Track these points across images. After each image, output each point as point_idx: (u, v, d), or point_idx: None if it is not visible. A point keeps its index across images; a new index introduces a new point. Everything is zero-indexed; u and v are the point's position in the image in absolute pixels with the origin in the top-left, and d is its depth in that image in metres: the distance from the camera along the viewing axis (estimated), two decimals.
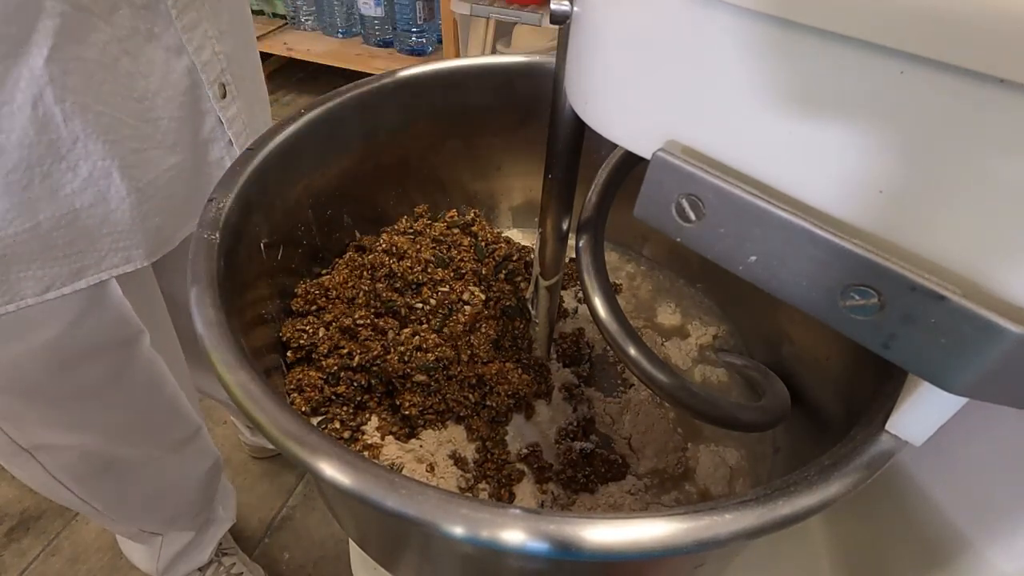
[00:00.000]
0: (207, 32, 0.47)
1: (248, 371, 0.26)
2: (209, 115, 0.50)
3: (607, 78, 0.22)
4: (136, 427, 0.60)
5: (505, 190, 0.54)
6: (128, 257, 0.47)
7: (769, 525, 0.21)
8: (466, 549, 0.27)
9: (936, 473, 0.31)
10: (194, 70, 0.47)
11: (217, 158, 0.52)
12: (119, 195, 0.44)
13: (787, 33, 0.16)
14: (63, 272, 0.44)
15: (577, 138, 0.30)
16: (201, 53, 0.47)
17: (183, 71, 0.46)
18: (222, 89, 0.50)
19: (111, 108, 0.42)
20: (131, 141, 0.44)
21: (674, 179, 0.20)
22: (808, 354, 0.39)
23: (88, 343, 0.49)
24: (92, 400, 0.53)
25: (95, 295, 0.48)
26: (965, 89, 0.14)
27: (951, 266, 0.16)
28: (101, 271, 0.46)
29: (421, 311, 0.42)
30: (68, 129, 0.40)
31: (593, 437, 0.41)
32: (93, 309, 0.48)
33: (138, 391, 0.57)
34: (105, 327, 0.50)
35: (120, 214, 0.45)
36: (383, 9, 1.82)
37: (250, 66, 0.55)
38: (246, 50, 0.54)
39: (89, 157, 0.41)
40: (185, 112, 0.47)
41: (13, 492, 0.99)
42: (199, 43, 0.46)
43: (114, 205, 0.44)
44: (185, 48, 0.45)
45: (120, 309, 0.51)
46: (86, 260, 0.45)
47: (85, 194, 0.43)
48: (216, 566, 0.84)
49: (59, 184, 0.41)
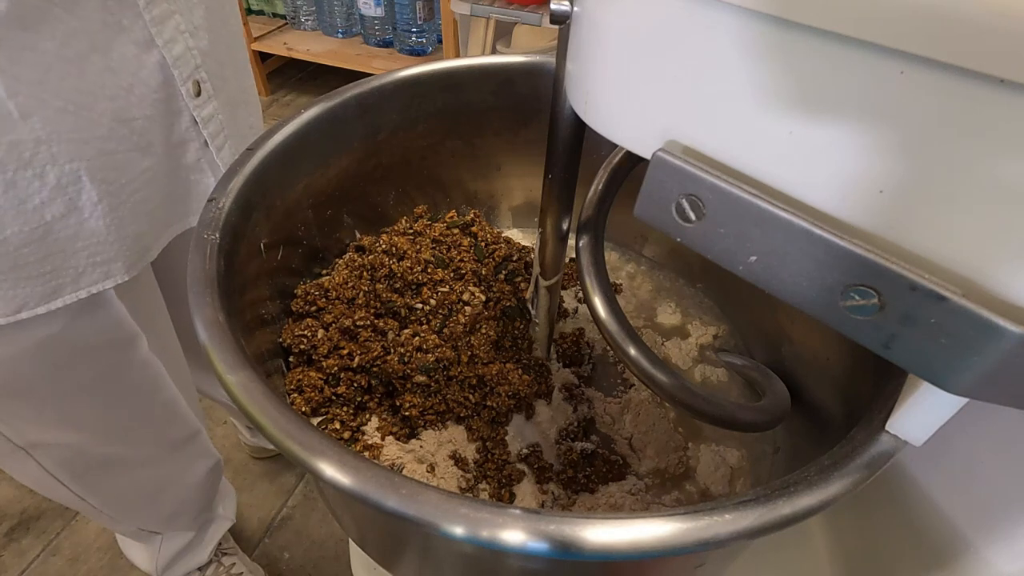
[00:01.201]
0: (179, 26, 0.45)
1: (248, 371, 0.26)
2: (183, 114, 0.48)
3: (607, 78, 0.22)
4: (133, 428, 0.59)
5: (505, 190, 0.54)
6: (107, 272, 0.46)
7: (769, 525, 0.21)
8: (466, 549, 0.27)
9: (936, 473, 0.31)
10: (166, 65, 0.44)
11: (193, 160, 0.50)
12: (90, 201, 0.42)
13: (787, 33, 0.16)
14: (35, 292, 0.42)
15: (577, 138, 0.30)
16: (172, 47, 0.44)
17: (154, 66, 0.44)
18: (196, 87, 0.47)
19: (77, 106, 0.39)
20: (102, 142, 0.41)
21: (674, 179, 0.20)
22: (808, 354, 0.39)
23: (83, 345, 0.49)
24: (87, 401, 0.53)
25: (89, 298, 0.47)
26: (965, 89, 0.14)
27: (951, 266, 0.16)
28: (80, 288, 0.44)
29: (421, 312, 0.42)
30: (28, 127, 0.37)
31: (593, 437, 0.41)
32: (87, 313, 0.47)
33: (135, 393, 0.57)
34: (99, 330, 0.50)
35: (94, 223, 0.43)
36: (383, 9, 1.82)
37: (233, 66, 0.53)
38: (229, 49, 0.52)
39: (56, 161, 0.39)
40: (158, 111, 0.45)
41: (13, 492, 0.99)
42: (170, 36, 0.44)
43: (87, 213, 0.42)
44: (155, 42, 0.43)
45: (115, 313, 0.50)
46: (61, 278, 0.43)
47: (55, 204, 0.40)
48: (216, 566, 0.84)
49: (26, 195, 0.38)
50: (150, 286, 0.59)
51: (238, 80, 0.55)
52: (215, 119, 0.50)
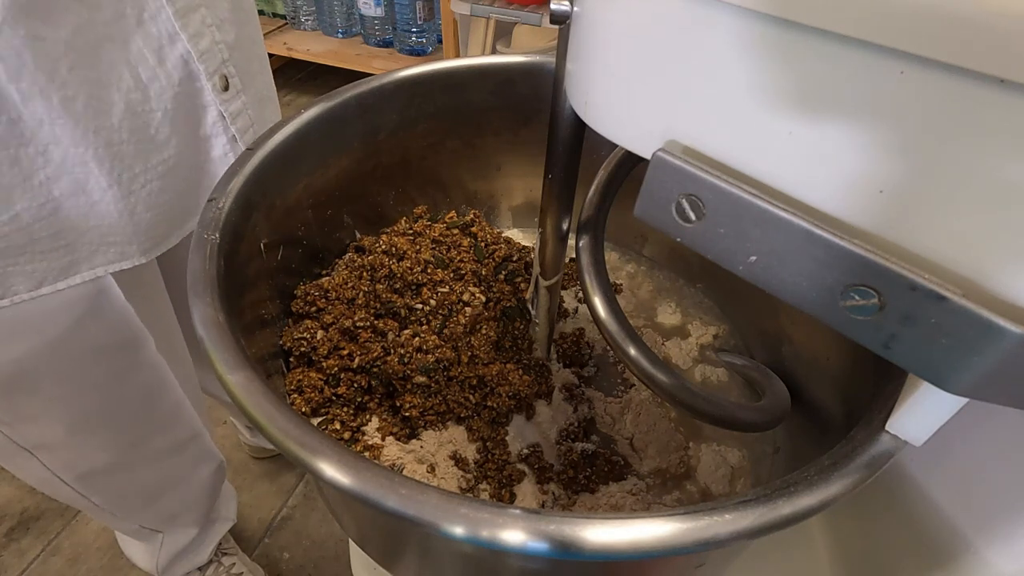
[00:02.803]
0: (206, 19, 0.44)
1: (248, 371, 0.26)
2: (210, 109, 0.48)
3: (607, 78, 0.22)
4: (137, 429, 0.60)
5: (505, 190, 0.54)
6: (122, 253, 0.46)
7: (769, 525, 0.21)
8: (466, 549, 0.27)
9: (936, 473, 0.31)
10: (191, 59, 0.44)
11: (221, 154, 0.50)
12: (99, 186, 0.42)
13: (787, 33, 0.16)
14: (53, 267, 0.43)
15: (577, 138, 0.30)
16: (199, 41, 0.44)
17: (177, 60, 0.44)
18: (224, 81, 0.47)
19: (88, 96, 0.39)
20: (111, 132, 0.41)
21: (674, 179, 0.20)
22: (808, 354, 0.39)
23: (90, 345, 0.49)
24: (94, 401, 0.53)
25: (95, 297, 0.47)
26: (965, 89, 0.14)
27: (951, 266, 0.16)
28: (95, 266, 0.45)
29: (421, 312, 0.42)
30: (29, 110, 0.37)
31: (594, 437, 0.41)
32: (94, 312, 0.48)
33: (140, 395, 0.57)
34: (106, 330, 0.50)
35: (105, 207, 0.43)
36: (383, 9, 1.82)
37: (257, 61, 0.53)
38: (252, 44, 0.52)
39: (59, 142, 0.39)
40: (181, 104, 0.45)
41: (13, 492, 0.99)
42: (196, 30, 0.44)
43: (96, 196, 0.43)
44: (179, 35, 0.43)
45: (122, 313, 0.51)
46: (76, 254, 0.44)
47: (61, 182, 0.41)
48: (216, 566, 0.84)
49: (31, 170, 0.39)
50: (157, 287, 0.59)
51: (263, 75, 0.55)
52: (244, 114, 0.50)
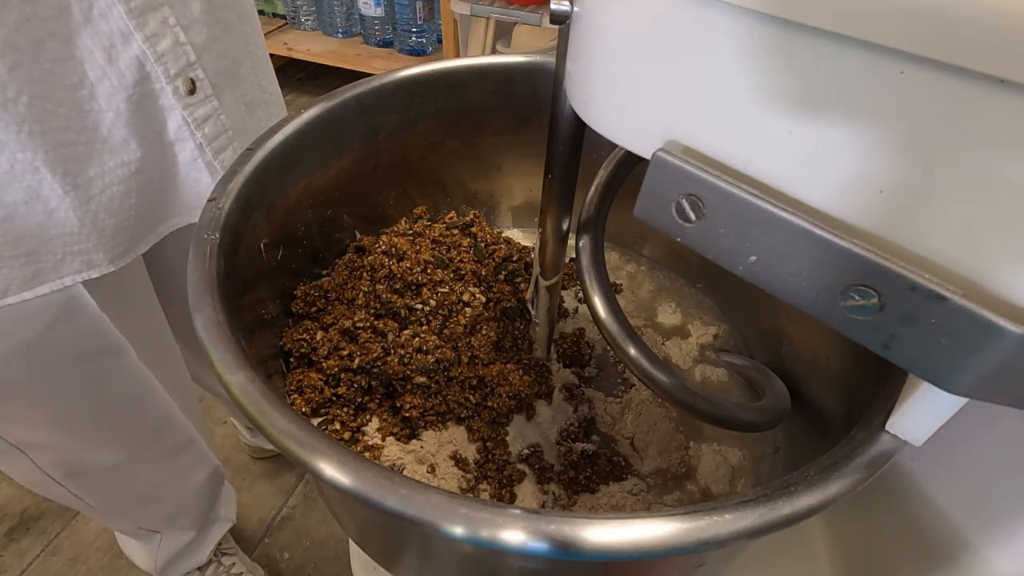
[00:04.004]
0: (168, 19, 0.42)
1: (248, 371, 0.26)
2: (174, 112, 0.46)
3: (607, 78, 0.22)
4: (124, 434, 0.59)
5: (505, 190, 0.54)
6: (89, 262, 0.45)
7: (769, 525, 0.21)
8: (466, 549, 0.27)
9: (936, 473, 0.31)
10: (146, 60, 0.42)
11: (190, 159, 0.48)
12: (55, 192, 0.41)
13: (787, 33, 0.16)
14: (16, 275, 0.42)
15: (577, 138, 0.30)
16: (157, 42, 0.42)
17: (131, 60, 0.42)
18: (190, 84, 0.45)
19: (31, 95, 0.38)
20: (61, 133, 0.40)
21: (674, 179, 0.20)
22: (808, 354, 0.39)
23: (63, 351, 0.48)
24: (76, 406, 0.53)
25: (65, 304, 0.46)
26: (965, 89, 0.14)
27: (951, 266, 0.16)
28: (62, 275, 0.44)
29: (421, 312, 0.42)
30: None
31: (594, 437, 0.41)
32: (64, 319, 0.47)
33: (124, 402, 0.57)
34: (79, 339, 0.49)
35: (63, 213, 0.42)
36: (383, 9, 1.82)
37: (251, 63, 0.52)
38: (245, 45, 0.50)
39: (5, 148, 0.38)
40: (138, 107, 0.43)
41: (13, 492, 0.99)
42: (154, 30, 0.42)
43: (54, 203, 0.41)
44: (134, 35, 0.41)
45: (95, 322, 0.50)
46: (40, 263, 0.43)
47: (13, 189, 0.39)
48: (216, 566, 0.84)
49: None
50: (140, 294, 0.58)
51: (256, 77, 0.53)
52: (214, 120, 0.48)
